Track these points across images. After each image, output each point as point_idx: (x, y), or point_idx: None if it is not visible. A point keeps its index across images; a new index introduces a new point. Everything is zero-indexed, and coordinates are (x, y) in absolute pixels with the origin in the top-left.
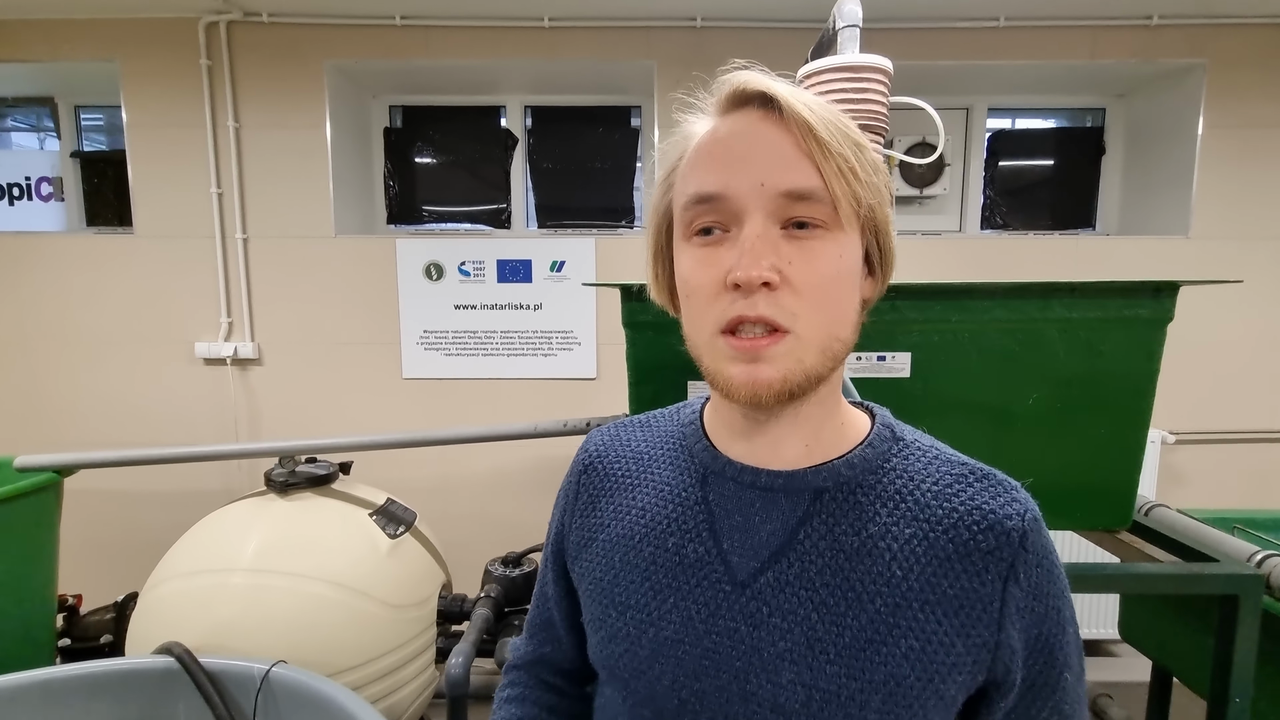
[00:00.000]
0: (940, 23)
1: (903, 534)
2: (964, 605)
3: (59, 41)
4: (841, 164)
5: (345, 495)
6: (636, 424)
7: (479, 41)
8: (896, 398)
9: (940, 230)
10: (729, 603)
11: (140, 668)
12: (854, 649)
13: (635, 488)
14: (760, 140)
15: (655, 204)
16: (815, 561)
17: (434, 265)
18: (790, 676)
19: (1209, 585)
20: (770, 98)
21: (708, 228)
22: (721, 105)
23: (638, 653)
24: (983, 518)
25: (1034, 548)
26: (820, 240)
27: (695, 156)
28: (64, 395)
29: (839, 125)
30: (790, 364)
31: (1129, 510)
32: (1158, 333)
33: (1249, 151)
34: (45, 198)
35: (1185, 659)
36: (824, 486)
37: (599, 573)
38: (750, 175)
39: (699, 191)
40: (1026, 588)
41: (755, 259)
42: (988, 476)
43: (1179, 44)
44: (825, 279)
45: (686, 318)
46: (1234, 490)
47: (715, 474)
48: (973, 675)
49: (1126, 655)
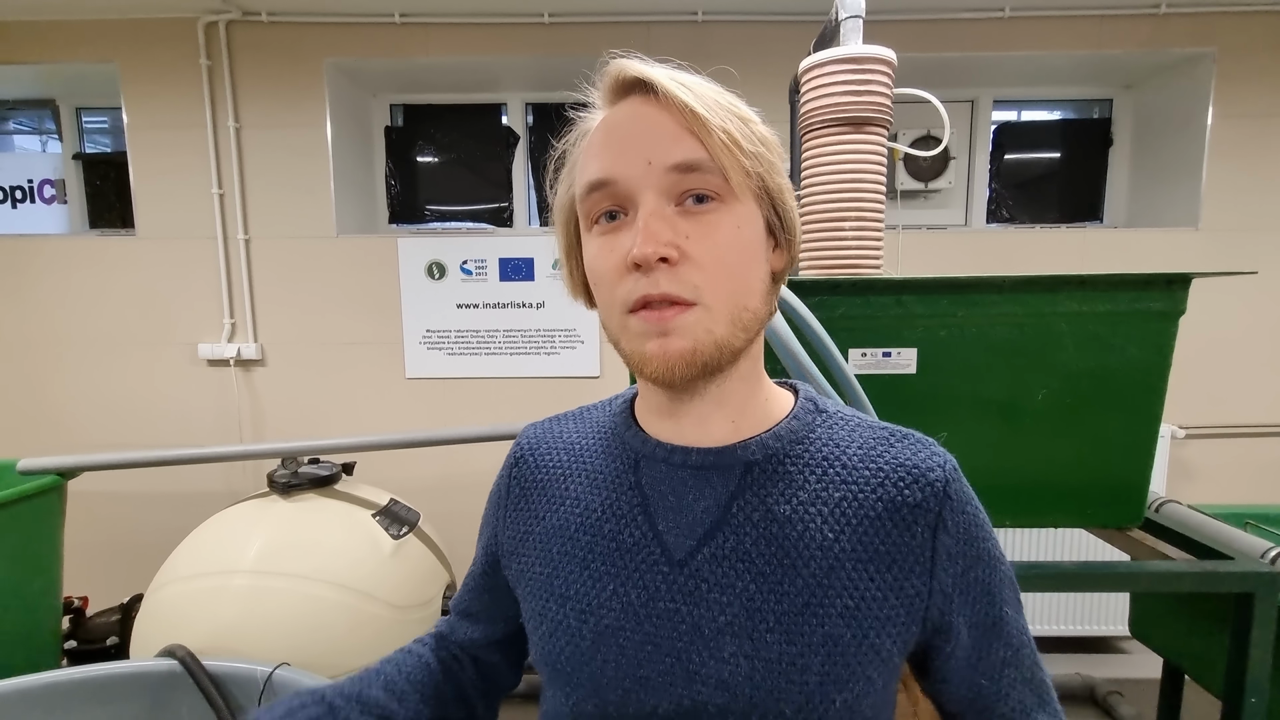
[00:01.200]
0: (944, 14)
1: (832, 498)
2: (896, 560)
3: (59, 44)
4: (724, 136)
5: (348, 496)
6: (570, 417)
7: (479, 38)
8: (903, 394)
9: (946, 224)
10: (667, 583)
11: (144, 671)
12: (792, 614)
13: (568, 478)
14: (642, 122)
15: (559, 202)
16: (750, 533)
17: (436, 264)
18: (733, 649)
19: (1224, 584)
20: (648, 83)
21: (610, 212)
22: (606, 97)
23: (579, 644)
24: (907, 473)
25: (957, 495)
26: (716, 213)
27: (585, 148)
28: (67, 397)
29: (719, 101)
30: (699, 334)
31: (1141, 507)
32: (1170, 326)
33: (1259, 141)
34: (48, 200)
35: (1197, 656)
36: (753, 460)
37: (538, 567)
38: (637, 156)
39: (591, 179)
40: (955, 533)
41: (651, 236)
42: (907, 436)
43: (1187, 33)
44: (725, 249)
45: (600, 305)
46: (1245, 485)
47: (646, 457)
48: (907, 628)
49: (1136, 652)
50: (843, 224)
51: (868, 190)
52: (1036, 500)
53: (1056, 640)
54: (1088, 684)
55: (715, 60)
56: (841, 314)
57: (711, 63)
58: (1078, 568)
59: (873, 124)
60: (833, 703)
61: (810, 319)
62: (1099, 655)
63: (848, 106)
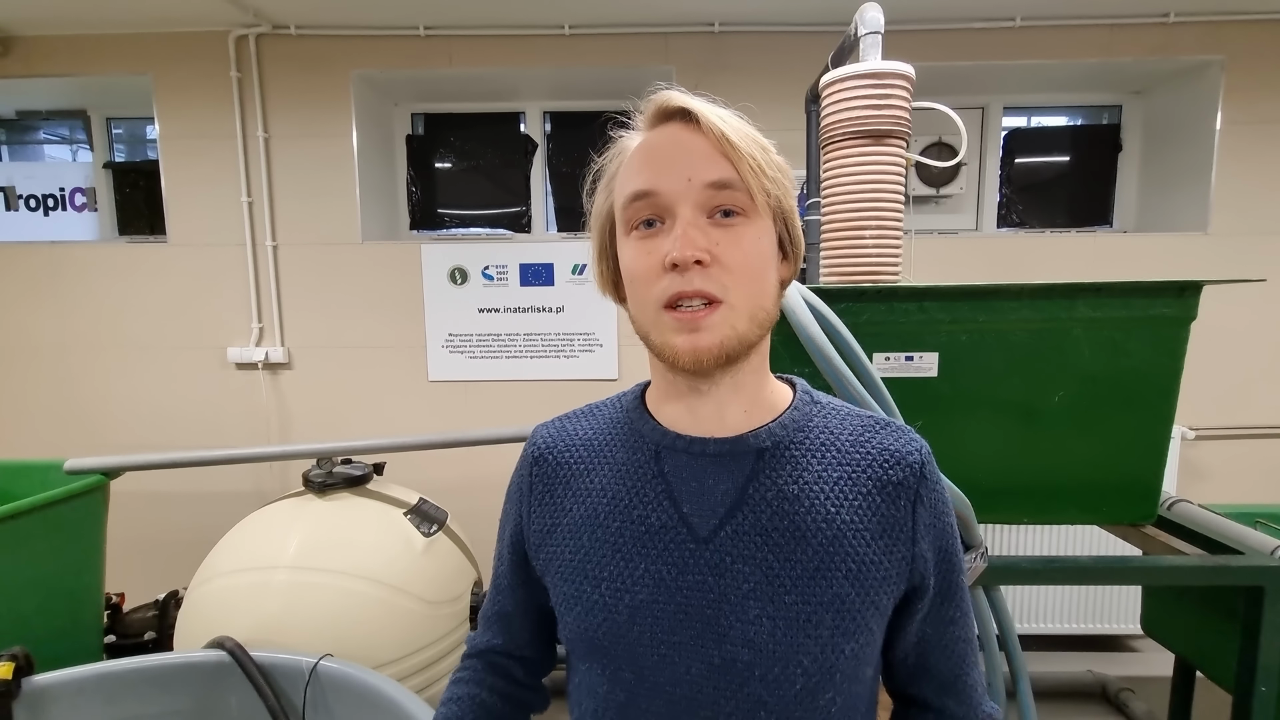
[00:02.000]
0: (956, 23)
1: (831, 477)
2: (886, 530)
3: (95, 57)
4: (751, 162)
5: (380, 495)
6: (580, 415)
7: (500, 50)
8: (925, 397)
9: (957, 229)
10: (694, 559)
11: (194, 661)
12: (805, 578)
13: (591, 472)
14: (684, 146)
15: (597, 209)
16: (765, 510)
17: (458, 270)
18: (756, 611)
19: (1235, 577)
20: (689, 112)
21: (648, 220)
22: (649, 121)
23: (616, 619)
24: (890, 456)
25: (930, 475)
26: (742, 226)
27: (630, 163)
28: (101, 400)
29: (747, 133)
30: (725, 330)
31: (1153, 505)
32: (1181, 331)
33: (1267, 147)
34: (79, 208)
35: (1209, 651)
36: (764, 446)
37: (568, 554)
38: (678, 173)
39: (635, 189)
40: (929, 507)
41: (689, 241)
42: (888, 424)
43: (1196, 40)
44: (749, 256)
45: (632, 301)
46: (1255, 485)
47: (667, 448)
48: (898, 586)
49: (1147, 650)
50: (863, 232)
51: (887, 200)
52: (1053, 498)
53: (1069, 638)
54: (1100, 681)
55: (732, 70)
56: (867, 319)
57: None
58: (1094, 562)
59: (892, 136)
60: (842, 651)
61: (839, 325)
62: (1111, 653)
63: (868, 120)
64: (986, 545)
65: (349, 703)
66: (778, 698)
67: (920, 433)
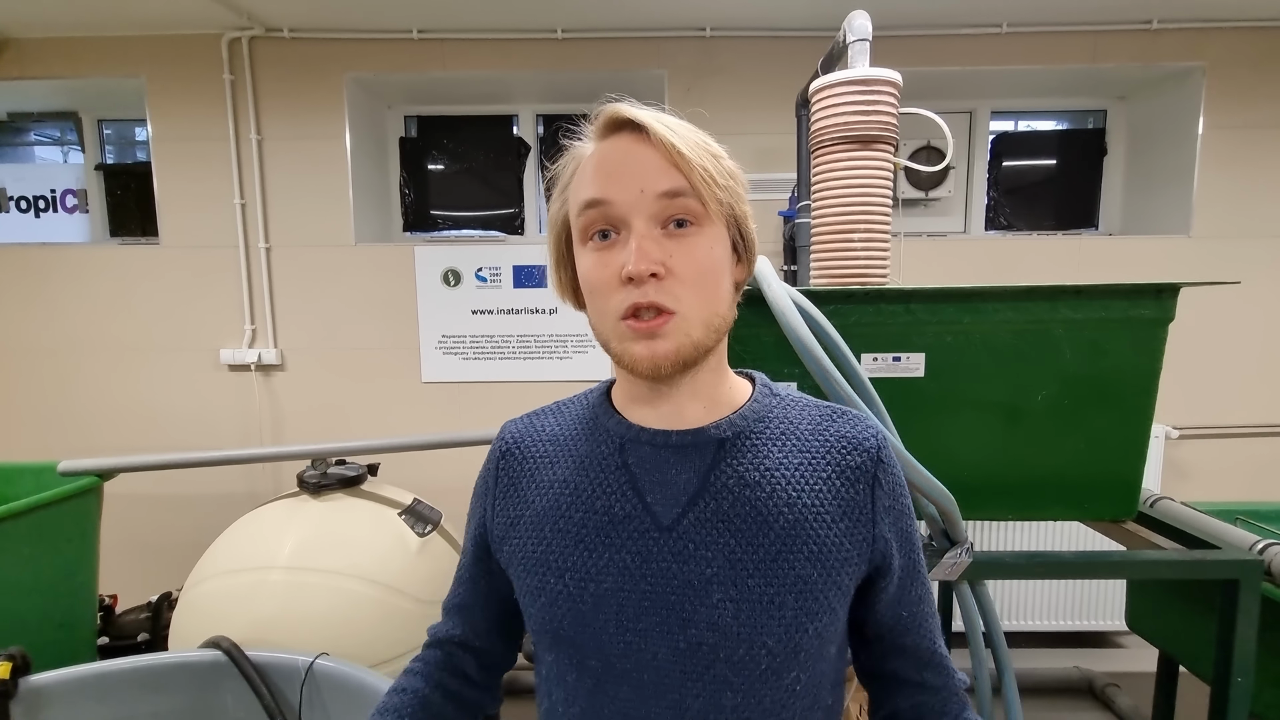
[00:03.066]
0: (944, 29)
1: (792, 464)
2: (846, 512)
3: (88, 59)
4: (702, 172)
5: (374, 496)
6: (548, 411)
7: (494, 53)
8: (912, 396)
9: (945, 232)
10: (658, 546)
11: (190, 661)
12: (768, 561)
13: (554, 465)
14: (635, 156)
15: (553, 216)
16: (727, 498)
17: (452, 272)
18: (720, 595)
19: (1212, 571)
20: (639, 124)
21: (603, 231)
22: (600, 131)
23: (580, 609)
24: (848, 442)
25: (887, 459)
26: (695, 235)
27: (582, 172)
28: (93, 402)
29: (697, 141)
30: (680, 338)
31: (1134, 501)
32: (1160, 332)
33: (1248, 151)
34: (70, 210)
35: (1190, 646)
36: (725, 436)
37: (530, 546)
38: (631, 185)
39: (588, 198)
40: (887, 489)
41: (644, 255)
42: (845, 413)
43: (1178, 47)
44: (702, 266)
45: (592, 310)
46: (1236, 483)
47: (631, 441)
48: (859, 566)
49: (1132, 646)
50: (852, 236)
51: (875, 204)
52: (1037, 495)
53: (1056, 635)
54: (1086, 677)
55: (723, 74)
56: (855, 321)
57: (719, 77)
58: (1076, 557)
59: (880, 142)
60: (806, 631)
61: (828, 327)
62: (1097, 650)
63: (856, 125)
64: (972, 541)
65: (345, 702)
66: (743, 678)
67: (907, 432)
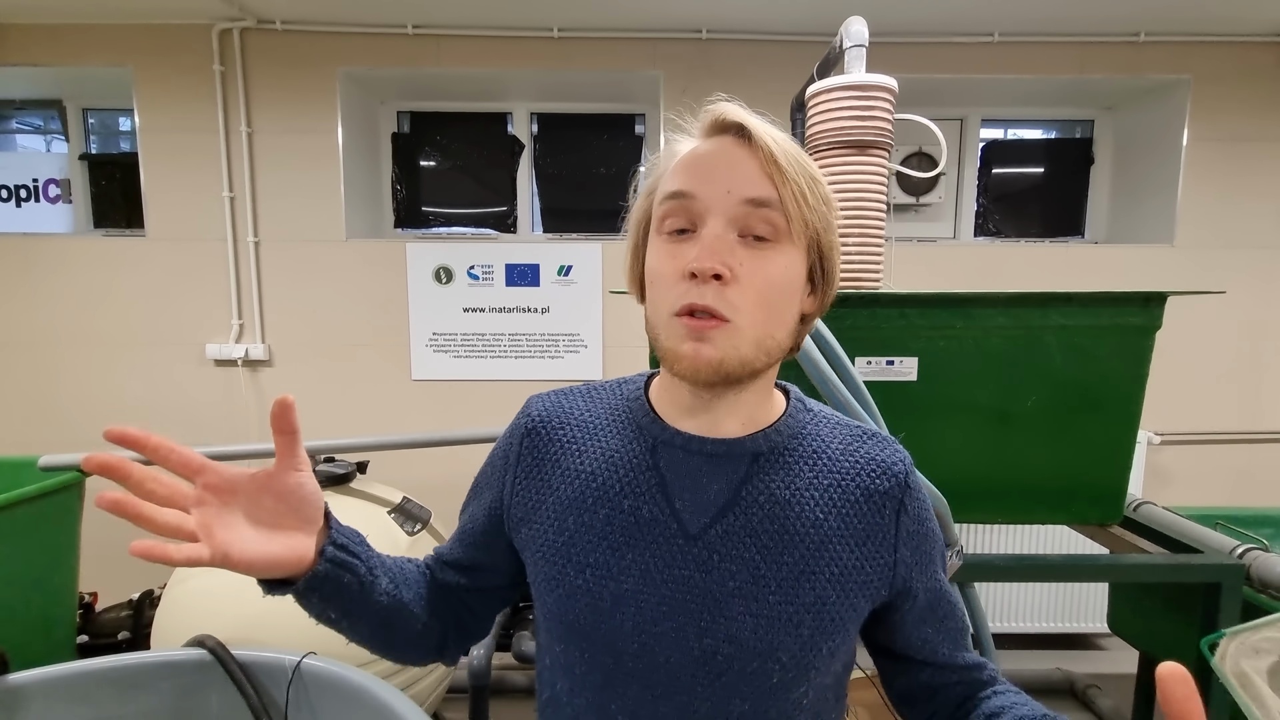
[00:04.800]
0: (937, 38)
1: (821, 484)
2: (869, 537)
3: (74, 47)
4: (795, 190)
5: (363, 494)
6: (578, 393)
7: (489, 51)
8: (905, 400)
9: (935, 237)
10: (682, 554)
11: (173, 660)
12: (790, 580)
13: (582, 454)
14: (731, 158)
15: (638, 208)
16: (756, 513)
17: (443, 269)
18: (739, 609)
19: (1194, 575)
20: (744, 128)
21: (681, 228)
22: (703, 130)
23: (599, 605)
24: (877, 466)
25: (914, 484)
26: (770, 251)
27: (676, 166)
28: (75, 396)
29: (798, 159)
30: (728, 349)
31: (1120, 505)
32: (1147, 339)
33: (1231, 163)
34: (53, 200)
35: (1171, 648)
36: (760, 450)
37: (551, 535)
38: (719, 183)
39: (673, 189)
40: (912, 515)
41: (712, 253)
42: (875, 435)
43: (1165, 60)
44: (769, 283)
45: (650, 300)
46: (1217, 488)
47: (664, 443)
48: (878, 590)
49: (1113, 648)
50: (847, 239)
51: (870, 208)
52: (1025, 498)
53: (1038, 637)
54: (1068, 678)
55: (719, 76)
56: (849, 325)
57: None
58: (1063, 560)
59: (875, 147)
60: (819, 650)
61: (825, 330)
62: (1079, 651)
63: (853, 130)
64: (962, 544)
65: (333, 701)
66: (753, 688)
67: (900, 435)
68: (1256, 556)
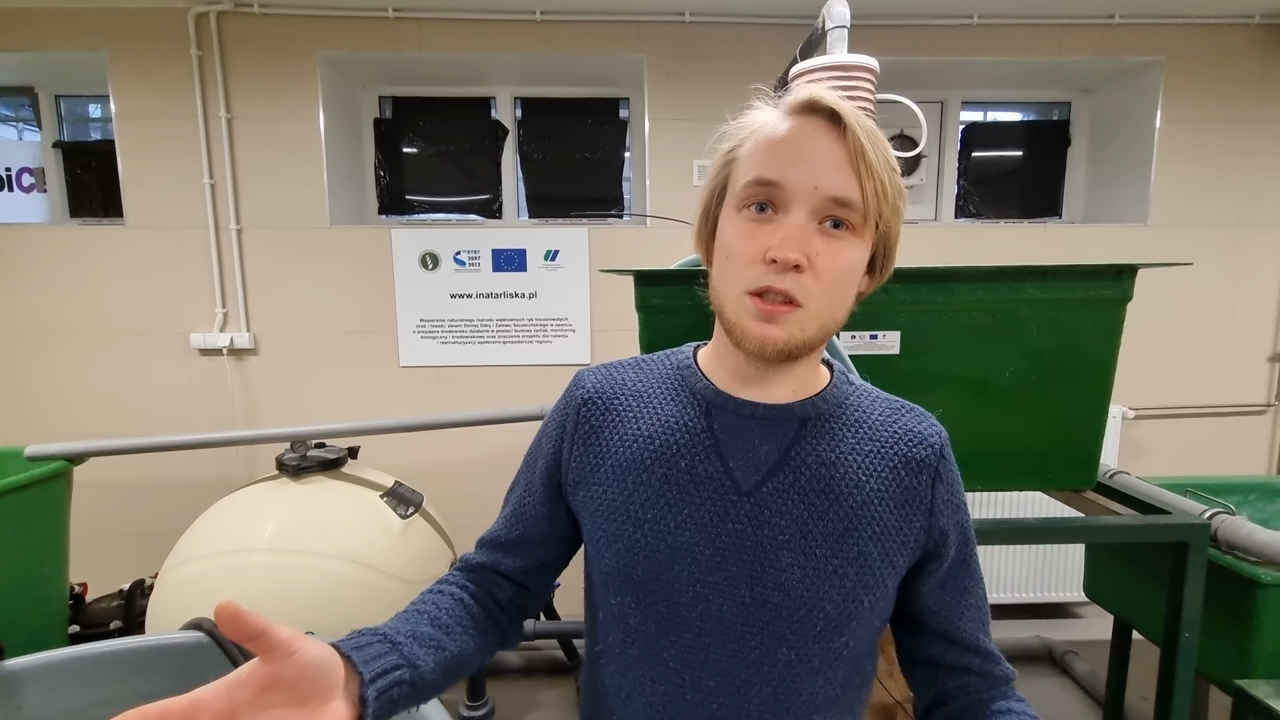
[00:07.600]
0: (917, 20)
1: (863, 450)
2: (907, 500)
3: (46, 31)
4: (878, 184)
5: (355, 478)
6: (627, 365)
7: (471, 34)
8: (888, 373)
9: (917, 219)
10: (735, 509)
11: (171, 643)
12: (835, 534)
13: (638, 420)
14: (820, 149)
15: (713, 174)
16: (804, 473)
17: (430, 255)
18: (788, 560)
19: (1163, 534)
20: (837, 115)
21: (761, 204)
22: (793, 107)
23: (656, 558)
24: (915, 436)
25: (948, 455)
26: (845, 241)
27: (763, 144)
28: (57, 389)
29: (884, 152)
30: (795, 330)
31: (1093, 471)
32: (1119, 311)
33: (1203, 144)
34: (26, 189)
35: (1143, 611)
36: (808, 415)
37: (611, 495)
38: (807, 175)
39: (761, 176)
40: (946, 484)
41: (795, 245)
42: (913, 408)
43: (1139, 42)
44: (841, 272)
45: (720, 273)
46: (1187, 460)
47: (718, 407)
48: (913, 551)
49: (1090, 616)
50: None
51: None
52: (1004, 465)
53: (1018, 606)
54: (1046, 645)
55: (702, 60)
56: None
57: (699, 62)
58: (1039, 523)
59: None
60: (861, 602)
61: None
62: (1056, 620)
63: None
64: None
65: None
66: (799, 636)
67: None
68: (1223, 520)
